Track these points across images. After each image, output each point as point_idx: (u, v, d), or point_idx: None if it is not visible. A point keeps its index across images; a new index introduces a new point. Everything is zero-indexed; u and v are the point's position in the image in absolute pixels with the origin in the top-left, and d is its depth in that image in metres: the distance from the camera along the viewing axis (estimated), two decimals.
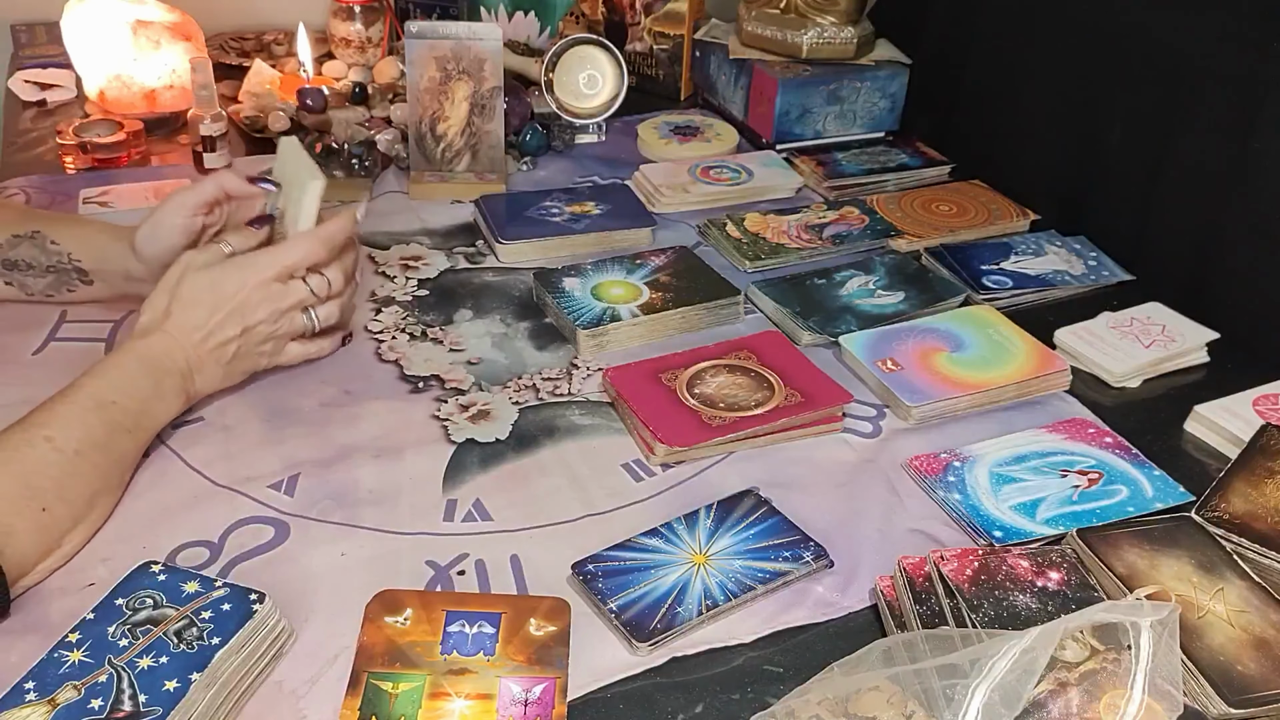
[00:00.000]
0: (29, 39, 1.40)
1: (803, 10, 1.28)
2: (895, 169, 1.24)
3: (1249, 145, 0.93)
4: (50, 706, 0.53)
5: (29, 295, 0.88)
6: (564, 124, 1.28)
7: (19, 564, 0.63)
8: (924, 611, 0.63)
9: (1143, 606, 0.56)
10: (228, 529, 0.71)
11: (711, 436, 0.79)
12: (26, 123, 1.25)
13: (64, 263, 0.86)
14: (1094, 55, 1.10)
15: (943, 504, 0.76)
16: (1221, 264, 0.98)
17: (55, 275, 0.86)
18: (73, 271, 0.86)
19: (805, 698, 0.55)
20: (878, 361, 0.88)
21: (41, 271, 0.86)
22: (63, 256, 0.86)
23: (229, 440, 0.78)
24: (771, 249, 1.07)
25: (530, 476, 0.77)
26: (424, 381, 0.87)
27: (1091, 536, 0.69)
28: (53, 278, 0.87)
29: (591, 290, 0.96)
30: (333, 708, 0.58)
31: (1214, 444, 0.84)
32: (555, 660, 0.60)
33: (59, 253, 0.86)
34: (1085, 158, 1.13)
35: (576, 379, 0.88)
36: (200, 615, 0.59)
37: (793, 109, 1.27)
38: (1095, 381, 0.91)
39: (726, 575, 0.67)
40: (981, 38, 1.26)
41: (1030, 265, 1.05)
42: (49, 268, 0.86)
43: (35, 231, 0.86)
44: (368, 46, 1.37)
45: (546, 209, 1.09)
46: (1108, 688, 0.54)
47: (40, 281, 0.87)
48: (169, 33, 1.22)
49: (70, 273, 0.86)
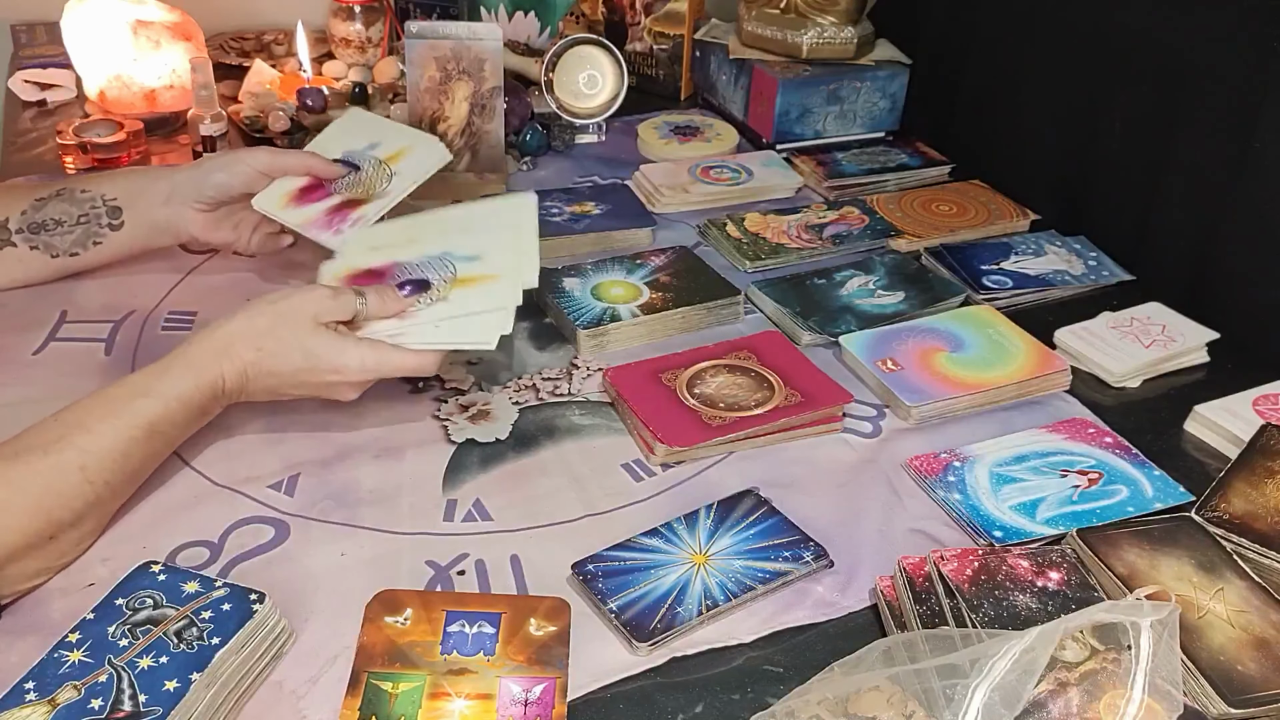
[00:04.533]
0: (29, 39, 1.40)
1: (803, 10, 1.28)
2: (895, 169, 1.24)
3: (1249, 145, 0.93)
4: (50, 706, 0.53)
5: (54, 256, 0.88)
6: (564, 124, 1.28)
7: (12, 584, 0.63)
8: (924, 611, 0.63)
9: (1143, 606, 0.56)
10: (228, 529, 0.71)
11: (711, 436, 0.79)
12: (26, 123, 1.25)
13: (96, 206, 0.85)
14: (1094, 55, 1.10)
15: (943, 504, 0.76)
16: (1221, 264, 0.98)
17: (84, 227, 0.86)
18: (105, 214, 0.85)
19: (805, 698, 0.55)
20: (878, 361, 0.88)
21: (71, 225, 0.85)
22: (95, 199, 0.86)
23: (229, 440, 0.78)
24: (771, 249, 1.07)
25: (530, 476, 0.77)
26: (424, 381, 0.86)
27: (1091, 536, 0.69)
28: (80, 230, 0.86)
29: (591, 290, 0.96)
30: (333, 708, 0.58)
31: (1214, 444, 0.84)
32: (555, 660, 0.60)
33: (90, 198, 0.85)
34: (1085, 158, 1.13)
35: (576, 379, 0.88)
36: (200, 615, 0.59)
37: (793, 109, 1.27)
38: (1095, 381, 0.91)
39: (726, 575, 0.67)
40: (981, 38, 1.26)
41: (1030, 265, 1.05)
42: (80, 218, 0.85)
43: (62, 189, 0.86)
44: (368, 46, 1.37)
45: (546, 209, 1.09)
46: (1108, 688, 0.54)
47: (67, 238, 0.86)
48: (169, 33, 1.22)
49: (102, 217, 0.86)
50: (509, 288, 0.76)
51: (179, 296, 0.94)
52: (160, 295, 0.93)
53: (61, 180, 0.88)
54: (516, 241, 0.79)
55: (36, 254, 0.87)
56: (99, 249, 0.88)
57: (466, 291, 0.77)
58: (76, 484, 0.64)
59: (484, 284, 0.77)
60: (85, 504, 0.65)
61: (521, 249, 0.79)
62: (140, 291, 0.93)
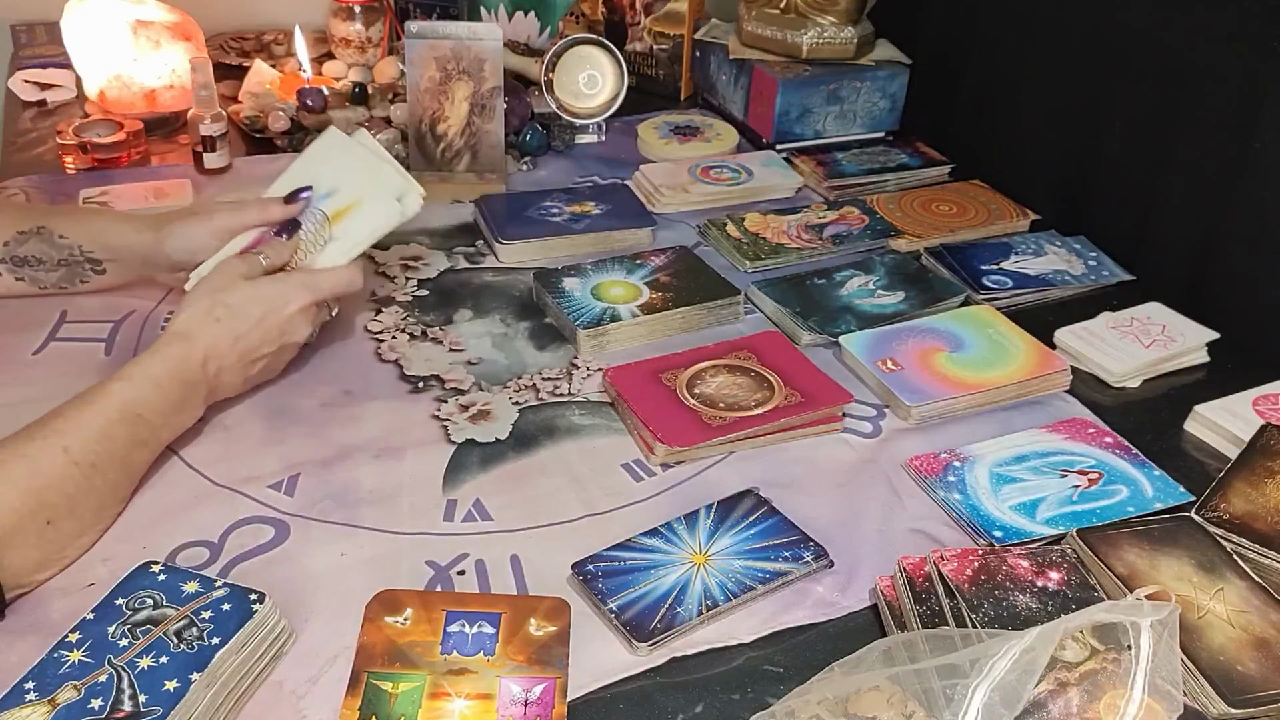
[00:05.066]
0: (29, 39, 1.40)
1: (803, 10, 1.28)
2: (895, 169, 1.24)
3: (1249, 145, 0.93)
4: (50, 706, 0.53)
5: (42, 289, 0.88)
6: (564, 124, 1.28)
7: (16, 575, 0.63)
8: (924, 611, 0.63)
9: (1143, 606, 0.56)
10: (228, 529, 0.71)
11: (711, 436, 0.79)
12: (26, 123, 1.25)
13: (75, 255, 0.86)
14: (1094, 55, 1.10)
15: (943, 504, 0.76)
16: (1221, 264, 0.98)
17: (67, 268, 0.86)
18: (85, 263, 0.86)
19: (805, 698, 0.55)
20: (878, 361, 0.88)
21: (53, 266, 0.86)
22: (73, 249, 0.86)
23: (229, 440, 0.78)
24: (771, 249, 1.07)
25: (530, 476, 0.77)
26: (424, 381, 0.86)
27: (1091, 536, 0.69)
28: (65, 270, 0.86)
29: (591, 290, 0.96)
30: (333, 708, 0.58)
31: (1214, 444, 0.84)
32: (555, 660, 0.60)
33: (68, 246, 0.86)
34: (1085, 158, 1.13)
35: (576, 379, 0.88)
36: (200, 615, 0.59)
37: (793, 109, 1.27)
38: (1095, 381, 0.91)
39: (726, 575, 0.67)
40: (981, 38, 1.26)
41: (1030, 265, 1.05)
42: (60, 261, 0.86)
43: (41, 227, 0.85)
44: (368, 46, 1.37)
45: (546, 209, 1.09)
46: (1108, 688, 0.54)
47: (53, 275, 0.87)
48: (169, 33, 1.22)
49: (82, 264, 0.86)
50: (381, 196, 0.83)
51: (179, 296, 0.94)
52: (160, 295, 0.93)
53: (40, 214, 0.87)
54: (354, 164, 0.85)
55: (23, 284, 0.88)
56: (85, 286, 0.89)
57: (346, 221, 0.84)
58: (62, 465, 0.65)
59: (356, 208, 0.84)
60: (75, 487, 0.65)
61: (364, 165, 0.85)
62: (140, 291, 0.93)
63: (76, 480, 0.65)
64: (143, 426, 0.70)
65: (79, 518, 0.66)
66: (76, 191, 1.08)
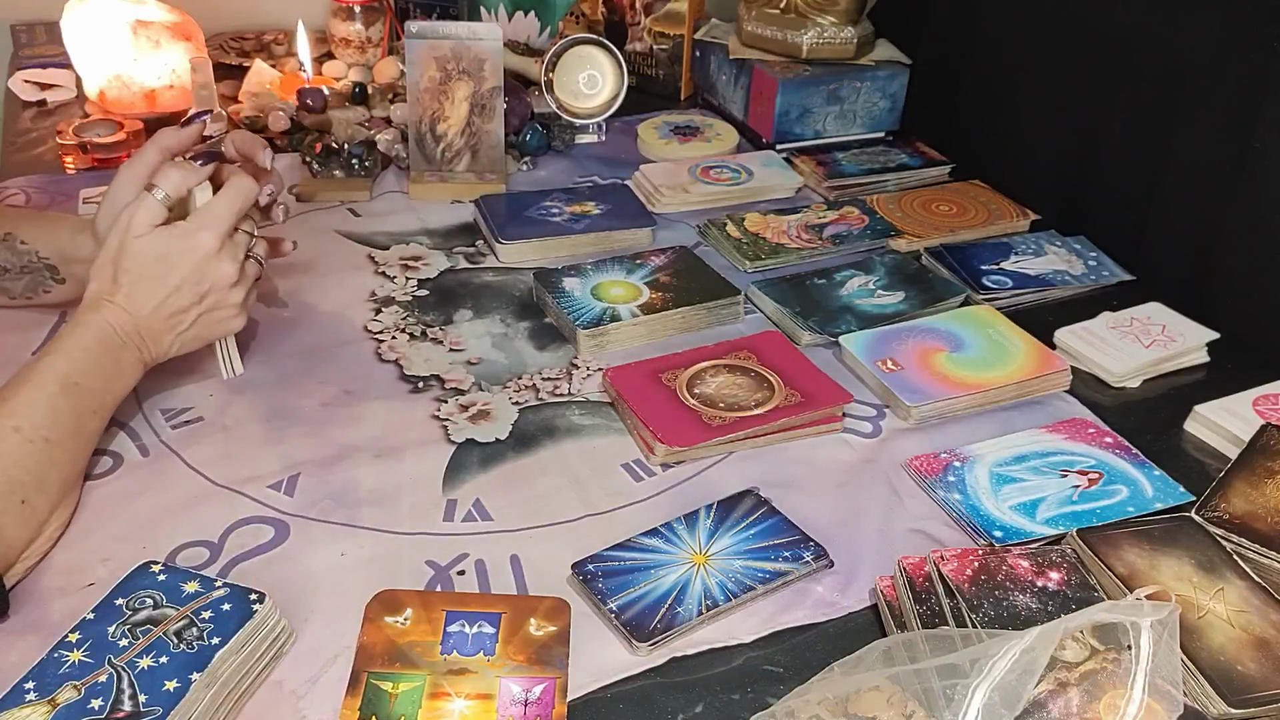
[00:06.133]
0: (29, 39, 1.40)
1: (803, 10, 1.28)
2: (895, 169, 1.24)
3: (1249, 144, 0.93)
4: (50, 706, 0.53)
5: (11, 299, 0.87)
6: (564, 124, 1.28)
7: (4, 556, 0.63)
8: (924, 611, 0.63)
9: (1143, 606, 0.56)
10: (228, 529, 0.71)
11: (711, 436, 0.79)
12: (26, 123, 1.25)
13: (34, 262, 0.84)
14: (1094, 55, 1.10)
15: (943, 504, 0.76)
16: (1221, 264, 0.98)
17: (30, 276, 0.84)
18: (44, 270, 0.84)
19: (805, 698, 0.55)
20: (878, 361, 0.88)
21: (17, 273, 0.84)
22: (32, 256, 0.84)
23: (229, 440, 0.78)
24: (771, 249, 1.07)
25: (530, 476, 0.77)
26: (424, 381, 0.86)
27: (1091, 536, 0.69)
28: (28, 279, 0.85)
29: (591, 290, 0.96)
30: (333, 708, 0.58)
31: (1214, 444, 0.84)
32: (555, 660, 0.60)
33: (28, 252, 0.84)
34: (1085, 158, 1.13)
35: (576, 379, 0.88)
36: (200, 615, 0.59)
37: (793, 109, 1.27)
38: (1095, 381, 0.91)
39: (726, 575, 0.67)
40: (981, 38, 1.26)
41: (1030, 265, 1.05)
42: (23, 268, 0.84)
43: (7, 234, 0.84)
44: (368, 46, 1.37)
45: (546, 209, 1.09)
46: (1108, 688, 0.54)
47: (18, 284, 0.85)
48: (169, 33, 1.22)
49: (42, 271, 0.84)
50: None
51: None
52: None
53: (8, 222, 0.84)
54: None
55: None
56: (49, 296, 0.86)
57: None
58: (18, 443, 0.65)
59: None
60: (36, 462, 0.66)
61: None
62: None
63: (36, 456, 0.66)
64: (86, 394, 0.70)
65: (48, 492, 0.66)
66: (76, 192, 1.08)
